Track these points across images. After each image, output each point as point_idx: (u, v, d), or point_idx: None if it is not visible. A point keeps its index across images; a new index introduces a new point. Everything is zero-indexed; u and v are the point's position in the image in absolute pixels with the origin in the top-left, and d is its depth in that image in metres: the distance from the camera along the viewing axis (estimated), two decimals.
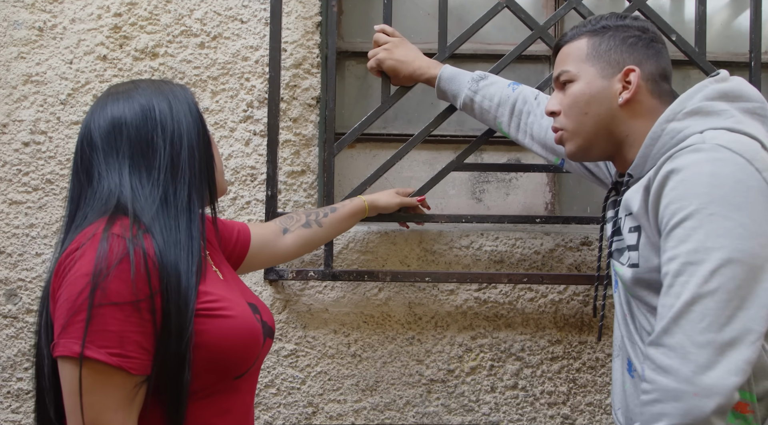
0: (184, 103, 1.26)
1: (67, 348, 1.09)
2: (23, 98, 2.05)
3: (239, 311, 1.25)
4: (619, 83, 1.39)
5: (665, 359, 1.15)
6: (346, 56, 2.31)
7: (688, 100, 1.31)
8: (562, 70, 1.45)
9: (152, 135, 1.21)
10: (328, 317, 2.06)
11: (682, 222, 1.18)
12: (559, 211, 2.34)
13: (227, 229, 1.60)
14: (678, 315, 1.14)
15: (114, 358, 1.09)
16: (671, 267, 1.18)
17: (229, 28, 2.07)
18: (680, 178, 1.20)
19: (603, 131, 1.41)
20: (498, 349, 2.07)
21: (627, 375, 1.47)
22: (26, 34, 2.05)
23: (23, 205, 2.04)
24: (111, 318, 1.09)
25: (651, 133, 1.32)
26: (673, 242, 1.19)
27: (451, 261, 2.07)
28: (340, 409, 2.06)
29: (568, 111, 1.43)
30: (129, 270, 1.10)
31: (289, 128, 2.07)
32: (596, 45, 1.41)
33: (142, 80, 1.30)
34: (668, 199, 1.21)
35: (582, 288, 2.06)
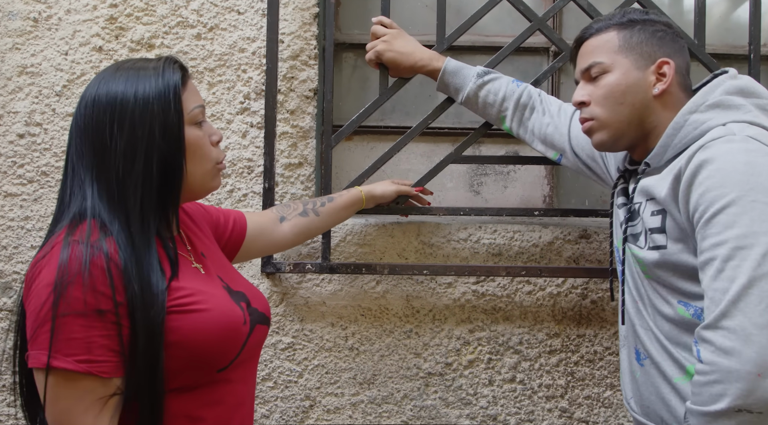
0: (156, 98, 1.19)
1: (36, 360, 1.09)
2: (18, 90, 2.03)
3: (214, 303, 1.23)
4: (653, 75, 1.43)
5: (726, 341, 1.16)
6: (344, 48, 2.30)
7: (710, 94, 1.37)
8: (594, 61, 1.47)
9: (107, 135, 1.17)
10: (326, 310, 2.05)
11: (724, 208, 1.22)
12: (558, 204, 2.33)
13: (223, 217, 1.59)
14: (736, 298, 1.17)
15: (82, 365, 1.09)
16: (719, 252, 1.21)
17: (226, 19, 2.05)
18: (716, 167, 1.25)
19: (636, 121, 1.44)
20: (496, 342, 2.06)
21: (636, 364, 1.50)
22: (21, 25, 2.03)
23: (18, 197, 2.03)
24: (75, 326, 1.09)
25: (673, 124, 1.38)
26: (718, 228, 1.22)
27: (449, 254, 2.06)
28: (338, 403, 2.05)
29: (602, 101, 1.46)
30: (91, 276, 1.09)
31: (287, 120, 2.06)
32: (627, 37, 1.45)
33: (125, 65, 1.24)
34: (704, 187, 1.25)
35: (580, 281, 2.05)
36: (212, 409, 1.24)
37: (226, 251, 1.54)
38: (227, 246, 1.56)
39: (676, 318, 1.38)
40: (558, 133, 1.81)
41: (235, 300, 1.30)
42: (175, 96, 1.20)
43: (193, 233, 1.41)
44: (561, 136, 1.81)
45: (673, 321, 1.39)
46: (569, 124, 1.80)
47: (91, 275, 1.09)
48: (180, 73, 1.24)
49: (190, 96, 1.25)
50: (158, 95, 1.19)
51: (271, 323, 1.42)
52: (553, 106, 1.84)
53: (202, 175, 1.27)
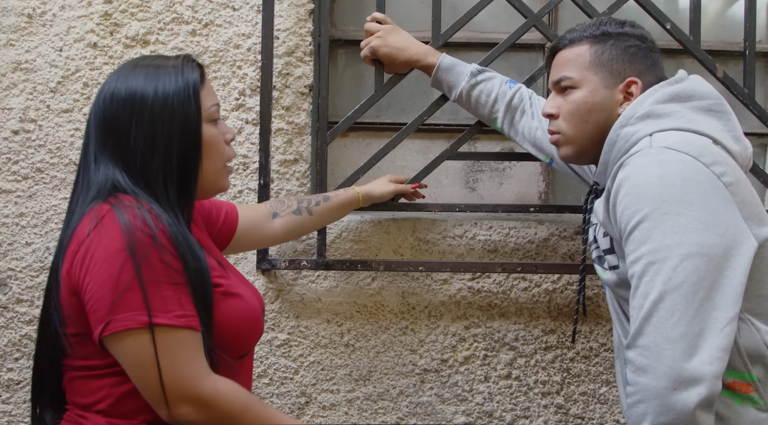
0: (176, 95, 1.21)
1: (132, 321, 1.10)
2: (12, 86, 2.02)
3: (242, 290, 1.27)
4: (621, 94, 1.42)
5: (642, 359, 1.17)
6: (339, 44, 2.29)
7: (640, 105, 1.37)
8: (564, 75, 1.46)
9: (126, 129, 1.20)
10: (321, 307, 2.05)
11: (638, 224, 1.22)
12: (553, 201, 2.33)
13: (215, 209, 1.59)
14: (648, 314, 1.17)
15: (181, 320, 1.12)
16: (635, 269, 1.21)
17: (221, 16, 2.05)
18: (631, 183, 1.25)
19: (599, 138, 1.43)
20: (492, 339, 2.06)
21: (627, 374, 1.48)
22: (15, 21, 2.03)
23: (13, 194, 2.02)
24: (164, 285, 1.12)
25: (608, 140, 1.39)
26: (633, 245, 1.22)
27: (445, 250, 2.06)
28: (333, 399, 2.05)
29: (568, 117, 1.46)
30: (162, 238, 1.13)
31: (282, 117, 2.06)
32: (599, 53, 1.44)
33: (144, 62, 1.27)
34: (623, 205, 1.25)
35: (576, 277, 2.05)
36: None
37: (217, 243, 1.55)
38: (217, 239, 1.57)
39: None
40: (546, 138, 1.79)
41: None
42: (194, 93, 1.23)
43: (196, 226, 1.42)
44: (548, 141, 1.78)
45: None
46: None
47: (162, 237, 1.13)
48: (198, 71, 1.26)
49: (207, 94, 1.27)
50: (178, 92, 1.21)
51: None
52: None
53: (214, 173, 1.29)
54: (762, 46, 2.32)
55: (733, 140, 1.34)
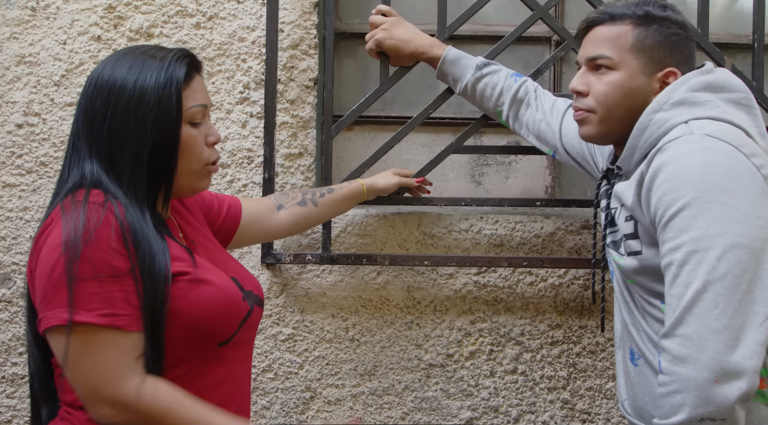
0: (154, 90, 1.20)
1: (55, 318, 1.10)
2: (16, 79, 2.02)
3: (215, 276, 1.25)
4: (658, 83, 1.38)
5: (682, 349, 1.15)
6: (344, 37, 2.28)
7: (674, 92, 1.33)
8: (602, 53, 1.39)
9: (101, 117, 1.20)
10: (326, 301, 2.04)
11: (680, 211, 1.20)
12: (560, 194, 2.32)
13: (217, 202, 1.58)
14: (690, 303, 1.15)
15: (106, 318, 1.10)
16: (675, 256, 1.19)
17: (225, 8, 2.03)
18: (672, 169, 1.23)
19: (627, 122, 1.39)
20: (497, 334, 2.05)
21: (630, 364, 1.47)
22: (19, 14, 2.02)
23: (17, 187, 2.02)
24: (93, 282, 1.10)
25: (638, 124, 1.35)
26: (674, 232, 1.20)
27: (450, 244, 2.04)
28: (338, 394, 2.04)
29: (601, 97, 1.40)
30: (103, 232, 1.11)
31: (287, 110, 2.04)
32: (642, 37, 1.38)
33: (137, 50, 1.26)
34: (662, 191, 1.23)
35: (582, 272, 2.04)
36: (212, 391, 1.25)
37: (219, 237, 1.54)
38: (220, 232, 1.56)
39: (662, 318, 1.34)
40: (550, 131, 1.79)
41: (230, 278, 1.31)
42: (176, 91, 1.21)
43: (184, 220, 1.41)
44: (552, 133, 1.78)
45: (661, 321, 1.35)
46: (560, 122, 1.77)
47: (103, 231, 1.12)
48: (185, 68, 1.24)
49: (191, 94, 1.25)
50: (157, 88, 1.20)
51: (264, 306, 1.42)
52: (546, 103, 1.81)
53: (189, 174, 1.27)
54: None
55: (759, 136, 1.32)
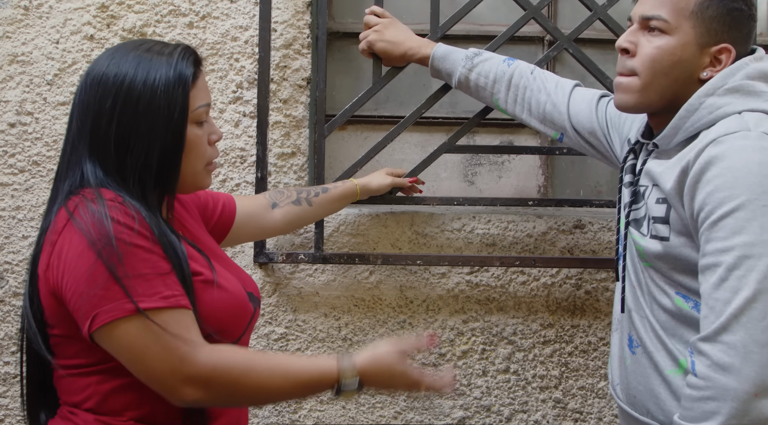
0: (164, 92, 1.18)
1: (118, 310, 1.08)
2: (9, 78, 2.01)
3: (226, 279, 1.25)
4: (709, 58, 1.29)
5: (725, 357, 1.12)
6: (337, 37, 2.28)
7: (730, 77, 1.27)
8: (659, 14, 1.29)
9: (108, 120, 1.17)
10: (319, 301, 2.04)
11: (733, 212, 1.15)
12: (552, 194, 2.32)
13: (212, 200, 1.58)
14: (738, 311, 1.12)
15: (167, 301, 1.10)
16: (724, 259, 1.15)
17: (218, 8, 2.03)
18: (726, 165, 1.17)
19: (670, 95, 1.32)
20: (490, 333, 2.05)
21: (627, 350, 1.44)
22: (11, 13, 2.01)
23: (9, 186, 2.02)
24: (143, 269, 1.09)
25: (687, 106, 1.28)
26: (724, 232, 1.16)
27: (443, 244, 2.05)
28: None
29: (648, 62, 1.31)
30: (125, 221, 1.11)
31: (279, 109, 2.05)
32: (704, 6, 1.28)
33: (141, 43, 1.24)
34: (713, 186, 1.18)
35: (575, 271, 2.05)
36: None
37: (214, 235, 1.53)
38: (215, 230, 1.55)
39: (673, 309, 1.32)
40: (557, 112, 1.71)
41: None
42: (183, 92, 1.19)
43: (184, 219, 1.41)
44: (560, 114, 1.70)
45: (670, 312, 1.32)
46: (568, 102, 1.70)
47: (125, 221, 1.11)
48: (193, 68, 1.22)
49: (197, 93, 1.23)
50: (166, 90, 1.17)
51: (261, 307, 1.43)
52: (550, 83, 1.74)
53: (193, 174, 1.27)
54: (763, 38, 2.31)
55: None
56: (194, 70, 1.23)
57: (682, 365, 1.30)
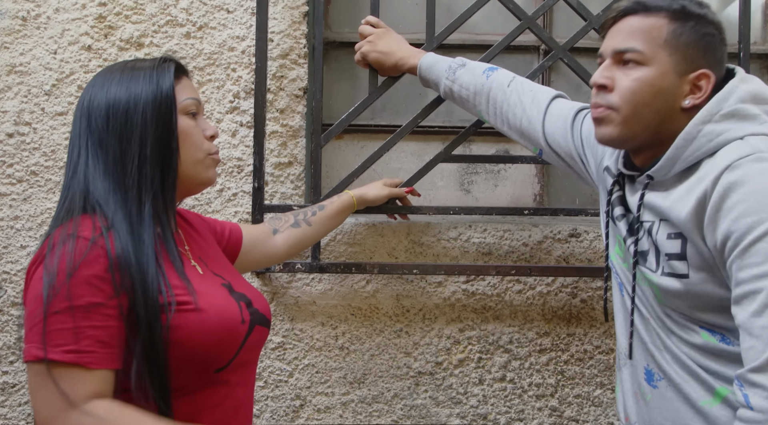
0: (149, 90, 1.24)
1: (29, 354, 1.12)
2: (7, 89, 2.02)
3: (211, 302, 1.24)
4: (688, 85, 1.27)
5: None
6: (334, 46, 2.29)
7: (724, 102, 1.24)
8: (632, 46, 1.27)
9: (107, 128, 1.23)
10: (316, 309, 2.05)
11: (765, 236, 1.11)
12: (548, 203, 2.33)
13: (219, 226, 1.59)
14: None
15: (69, 355, 1.11)
16: (764, 284, 1.10)
17: (215, 18, 2.04)
18: (748, 189, 1.14)
19: (654, 127, 1.29)
20: (486, 341, 2.06)
21: (646, 385, 1.37)
22: (9, 24, 2.02)
23: (7, 197, 2.02)
24: (66, 317, 1.11)
25: (684, 134, 1.24)
26: (758, 257, 1.11)
27: (439, 253, 2.06)
28: (328, 402, 2.05)
29: (628, 95, 1.27)
30: (87, 268, 1.12)
31: (276, 119, 2.06)
32: (677, 33, 1.26)
33: (121, 65, 1.30)
34: (738, 212, 1.14)
35: (570, 280, 2.05)
36: (211, 413, 1.24)
37: None
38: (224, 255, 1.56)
39: (701, 343, 1.26)
40: (532, 129, 1.66)
41: (234, 299, 1.31)
42: (168, 85, 1.26)
43: (190, 236, 1.42)
44: (535, 131, 1.65)
45: (697, 346, 1.27)
46: (543, 118, 1.64)
47: (88, 268, 1.12)
48: (173, 68, 1.28)
49: (183, 88, 1.29)
50: (151, 87, 1.24)
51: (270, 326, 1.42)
52: (526, 97, 1.68)
53: (194, 163, 1.30)
54: (757, 47, 2.32)
55: None
56: (175, 71, 1.29)
57: (718, 393, 1.25)
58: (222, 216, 2.03)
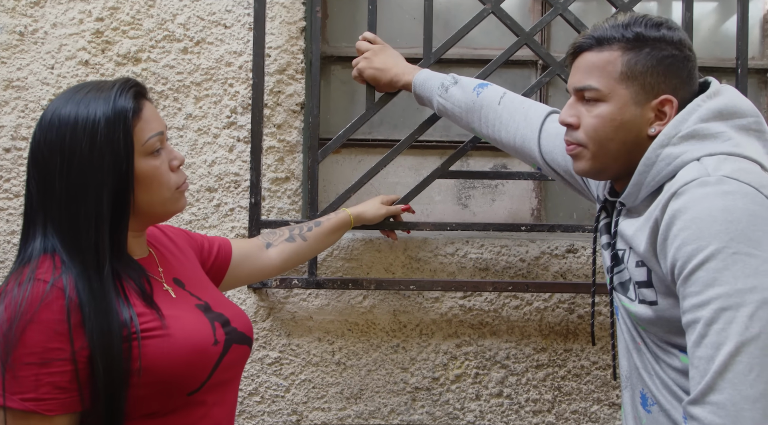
0: (105, 135, 1.18)
1: None
2: (4, 103, 2.02)
3: (179, 326, 1.23)
4: (652, 112, 1.26)
5: (715, 418, 1.05)
6: (331, 61, 2.29)
7: (683, 124, 1.22)
8: (589, 85, 1.28)
9: (56, 176, 1.18)
10: (313, 325, 2.05)
11: (703, 263, 1.09)
12: (545, 218, 2.33)
13: (207, 243, 1.58)
14: (722, 368, 1.05)
15: (27, 403, 1.11)
16: (701, 314, 1.09)
17: (213, 33, 2.05)
18: (690, 216, 1.12)
19: (624, 157, 1.29)
20: (483, 357, 2.06)
21: (641, 409, 1.37)
22: (7, 39, 2.02)
23: (5, 211, 2.02)
24: (24, 365, 1.11)
25: (644, 160, 1.24)
26: (698, 286, 1.10)
27: (436, 268, 2.06)
28: (325, 417, 2.05)
29: (591, 132, 1.28)
30: (45, 314, 1.12)
31: (273, 134, 2.06)
32: (631, 64, 1.25)
33: (80, 88, 1.24)
34: (681, 240, 1.13)
35: (567, 296, 2.05)
36: None
37: (211, 276, 1.54)
38: (212, 271, 1.56)
39: (681, 367, 1.25)
40: (527, 147, 1.66)
41: (209, 319, 1.30)
42: (125, 129, 1.19)
43: (171, 254, 1.41)
44: (531, 150, 1.65)
45: (678, 369, 1.26)
46: (538, 137, 1.64)
47: (46, 312, 1.12)
48: (132, 102, 1.21)
49: (145, 125, 1.23)
50: (108, 132, 1.18)
51: (253, 343, 1.41)
52: (518, 114, 1.68)
53: (162, 202, 1.27)
54: (755, 62, 2.32)
55: None
56: (135, 102, 1.22)
57: None
58: (219, 231, 2.03)
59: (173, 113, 2.03)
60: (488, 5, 1.96)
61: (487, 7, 1.96)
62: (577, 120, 1.31)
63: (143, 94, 1.27)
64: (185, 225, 2.02)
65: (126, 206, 1.21)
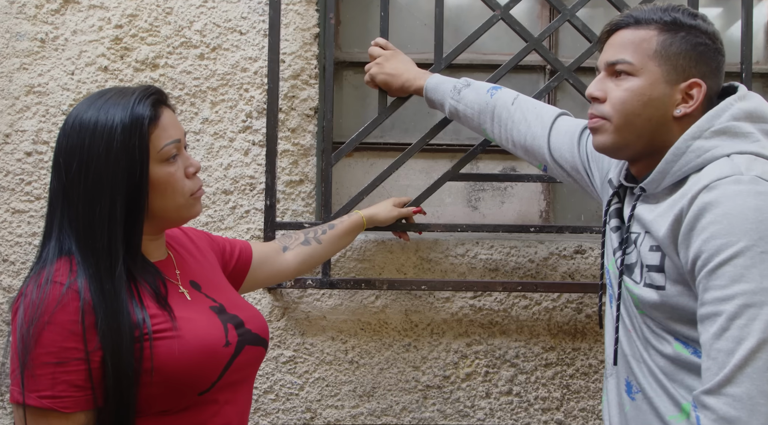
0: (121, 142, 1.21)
1: (12, 396, 1.17)
2: (26, 109, 2.08)
3: (190, 328, 1.26)
4: (680, 94, 1.28)
5: (731, 410, 1.09)
6: (344, 66, 2.34)
7: (716, 119, 1.25)
8: (623, 58, 1.30)
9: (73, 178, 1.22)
10: (326, 324, 2.09)
11: (731, 259, 1.12)
12: (554, 219, 2.37)
13: (229, 245, 1.63)
14: (743, 362, 1.09)
15: (44, 401, 1.15)
16: (724, 308, 1.12)
17: (229, 40, 2.09)
18: (722, 211, 1.15)
19: (647, 136, 1.31)
20: (493, 356, 2.10)
21: (626, 396, 1.40)
22: (28, 46, 2.08)
23: (26, 213, 2.08)
24: (41, 364, 1.15)
25: (674, 149, 1.26)
26: (723, 280, 1.13)
27: (447, 269, 2.10)
28: (338, 415, 2.09)
29: (619, 105, 1.30)
30: (61, 315, 1.16)
31: (288, 138, 2.10)
32: (667, 44, 1.28)
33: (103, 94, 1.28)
34: (709, 233, 1.15)
35: (575, 296, 2.09)
36: None
37: (232, 279, 1.58)
38: (233, 274, 1.60)
39: (673, 354, 1.28)
40: (536, 145, 1.70)
41: (222, 321, 1.33)
42: (141, 136, 1.22)
43: (190, 255, 1.45)
44: (540, 147, 1.69)
45: (669, 357, 1.29)
46: (548, 135, 1.68)
47: (62, 314, 1.16)
48: (151, 108, 1.25)
49: (162, 132, 1.26)
50: (123, 138, 1.21)
51: (268, 345, 1.45)
52: (530, 114, 1.73)
53: (176, 209, 1.30)
54: (760, 67, 2.36)
55: None
56: (153, 110, 1.25)
57: (684, 410, 1.26)
58: (234, 232, 2.08)
59: (190, 118, 2.08)
60: (498, 12, 2.00)
61: (496, 13, 2.00)
62: (603, 94, 1.33)
63: (163, 101, 1.30)
64: (202, 226, 2.07)
65: (140, 211, 1.25)
